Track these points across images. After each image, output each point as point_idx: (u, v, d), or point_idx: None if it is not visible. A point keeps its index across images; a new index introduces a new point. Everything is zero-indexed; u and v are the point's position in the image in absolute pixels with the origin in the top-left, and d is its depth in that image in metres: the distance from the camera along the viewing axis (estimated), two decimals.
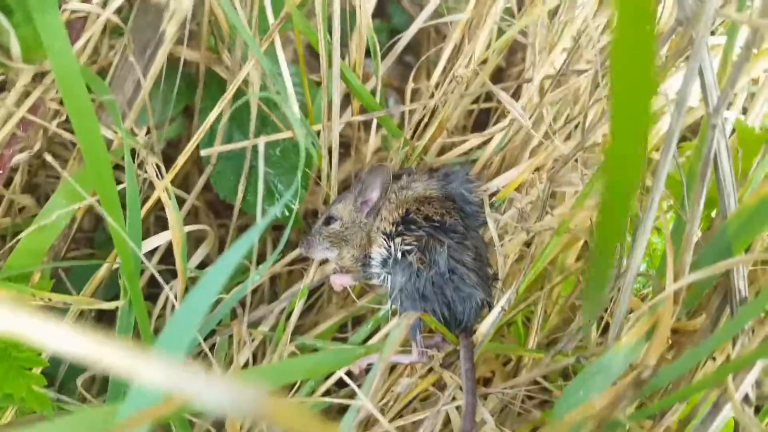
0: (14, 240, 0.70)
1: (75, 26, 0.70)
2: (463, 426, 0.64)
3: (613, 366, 0.55)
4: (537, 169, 0.71)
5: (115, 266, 0.74)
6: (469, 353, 0.68)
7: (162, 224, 0.77)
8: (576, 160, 0.68)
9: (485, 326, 0.69)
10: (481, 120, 0.94)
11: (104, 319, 0.85)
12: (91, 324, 0.84)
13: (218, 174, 0.81)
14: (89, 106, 0.56)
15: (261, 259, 0.82)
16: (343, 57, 0.71)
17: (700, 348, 0.53)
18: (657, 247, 0.77)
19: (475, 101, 0.90)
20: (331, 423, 0.28)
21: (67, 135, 0.73)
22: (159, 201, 0.72)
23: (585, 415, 0.51)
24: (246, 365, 0.77)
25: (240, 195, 0.80)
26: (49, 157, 0.69)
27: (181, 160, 0.71)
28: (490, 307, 0.71)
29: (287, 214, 0.81)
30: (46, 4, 0.50)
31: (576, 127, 0.75)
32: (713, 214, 0.66)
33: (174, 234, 0.70)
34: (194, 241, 0.94)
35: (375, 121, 0.81)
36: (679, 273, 0.58)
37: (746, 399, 0.56)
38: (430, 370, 0.72)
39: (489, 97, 0.91)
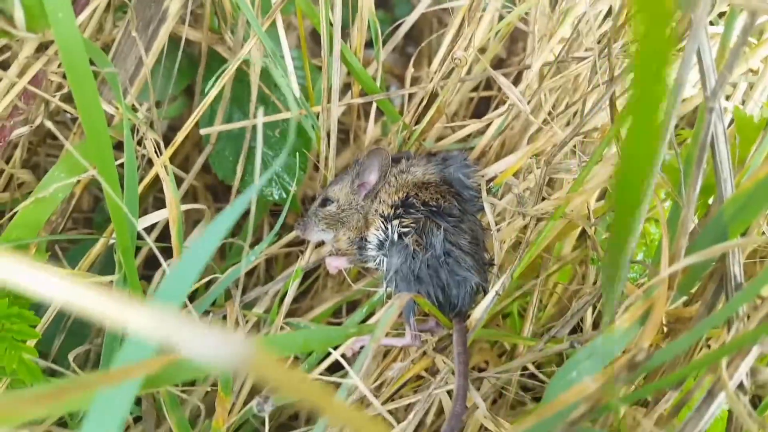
0: (12, 213, 0.70)
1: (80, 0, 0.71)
2: (453, 408, 0.64)
3: (606, 348, 0.54)
4: (535, 155, 0.71)
5: (112, 242, 0.74)
6: (462, 338, 0.68)
7: (161, 206, 0.77)
8: (574, 146, 0.68)
9: (479, 311, 0.69)
10: (480, 110, 0.94)
11: None
12: None
13: (217, 154, 0.82)
14: (91, 76, 0.56)
15: (258, 243, 0.82)
16: (345, 41, 0.72)
17: (694, 331, 0.53)
18: (654, 237, 0.77)
19: (475, 89, 0.90)
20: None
21: (68, 110, 0.73)
22: (159, 182, 0.72)
23: (578, 396, 0.51)
24: None
25: (238, 175, 0.81)
26: (49, 124, 0.69)
27: (180, 136, 0.71)
28: (485, 291, 0.70)
29: (284, 196, 0.81)
30: None
31: (575, 114, 0.75)
32: (710, 201, 0.66)
33: (171, 210, 0.70)
34: (192, 224, 0.94)
35: (375, 106, 0.82)
36: (674, 257, 0.58)
37: (741, 387, 0.55)
38: (423, 354, 0.72)
39: (489, 85, 0.92)
